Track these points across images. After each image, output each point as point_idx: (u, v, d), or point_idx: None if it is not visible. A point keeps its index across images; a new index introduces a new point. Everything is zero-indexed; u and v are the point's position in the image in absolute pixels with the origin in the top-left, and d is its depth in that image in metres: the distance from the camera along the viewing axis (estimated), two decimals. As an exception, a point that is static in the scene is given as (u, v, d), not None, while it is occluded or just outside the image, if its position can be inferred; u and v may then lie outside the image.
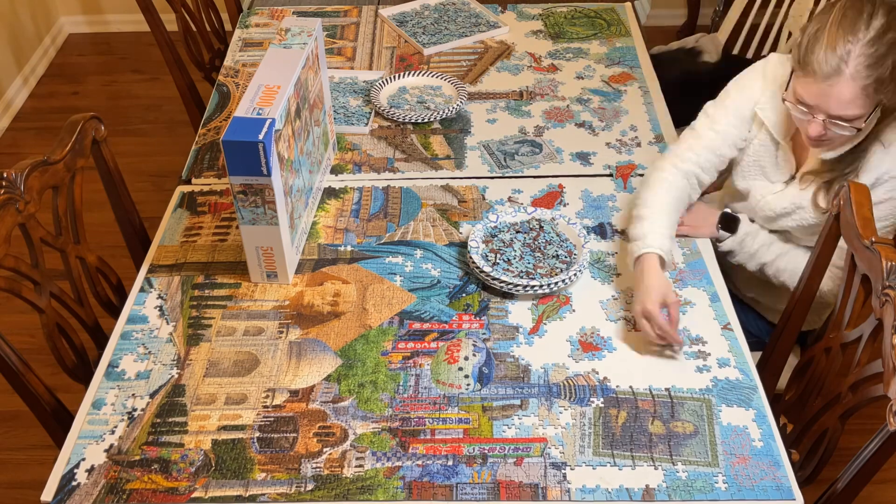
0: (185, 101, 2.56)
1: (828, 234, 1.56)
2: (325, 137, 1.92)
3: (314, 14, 2.55)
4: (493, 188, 1.91)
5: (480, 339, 1.58)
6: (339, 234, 1.81)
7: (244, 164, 1.50)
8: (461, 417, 1.45)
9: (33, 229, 1.58)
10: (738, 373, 1.52)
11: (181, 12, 2.46)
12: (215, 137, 2.08)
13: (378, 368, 1.53)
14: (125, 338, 1.60)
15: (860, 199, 1.46)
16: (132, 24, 4.02)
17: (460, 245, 1.77)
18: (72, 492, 1.35)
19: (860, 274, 1.45)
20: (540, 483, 1.36)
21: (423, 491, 1.35)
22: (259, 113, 1.52)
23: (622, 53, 2.35)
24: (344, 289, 1.69)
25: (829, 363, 1.55)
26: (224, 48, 2.64)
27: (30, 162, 1.55)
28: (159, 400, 1.49)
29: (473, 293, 1.67)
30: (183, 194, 1.92)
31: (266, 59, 1.67)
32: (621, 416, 1.45)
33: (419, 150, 2.03)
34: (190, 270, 1.73)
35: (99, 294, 1.79)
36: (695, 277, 1.69)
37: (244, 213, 1.57)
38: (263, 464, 1.39)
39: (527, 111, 2.14)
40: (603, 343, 1.57)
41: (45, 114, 3.64)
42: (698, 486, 1.35)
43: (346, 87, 2.22)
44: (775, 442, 1.41)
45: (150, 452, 1.41)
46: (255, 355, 1.56)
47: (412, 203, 1.88)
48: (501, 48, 2.38)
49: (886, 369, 1.28)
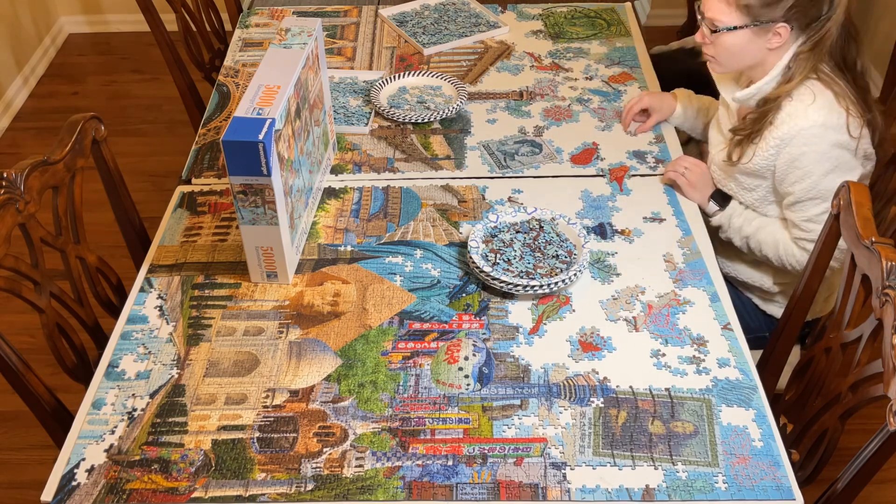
0: (185, 101, 2.56)
1: (828, 234, 1.57)
2: (325, 137, 1.92)
3: (314, 14, 2.55)
4: (493, 188, 1.91)
5: (480, 339, 1.58)
6: (339, 234, 1.81)
7: (244, 164, 1.50)
8: (461, 417, 1.45)
9: (33, 229, 1.58)
10: (738, 373, 1.52)
11: (181, 12, 2.46)
12: (215, 137, 2.08)
13: (378, 368, 1.53)
14: (125, 338, 1.60)
15: (860, 199, 1.46)
16: (132, 24, 4.02)
17: (460, 245, 1.77)
18: (72, 492, 1.35)
19: (860, 274, 1.45)
20: (540, 483, 1.36)
21: (423, 491, 1.35)
22: (259, 113, 1.52)
23: (622, 53, 2.35)
24: (344, 289, 1.69)
25: (829, 363, 1.55)
26: (224, 48, 2.64)
27: (30, 162, 1.55)
28: (159, 400, 1.49)
29: (473, 293, 1.67)
30: (183, 194, 1.92)
31: (266, 59, 1.67)
32: (621, 416, 1.45)
33: (419, 150, 2.03)
34: (190, 270, 1.73)
35: (99, 294, 1.79)
36: (695, 277, 1.69)
37: (244, 213, 1.57)
38: (263, 464, 1.39)
39: (527, 111, 2.14)
40: (603, 343, 1.57)
41: (45, 114, 3.64)
42: (698, 486, 1.35)
43: (346, 87, 2.22)
44: (775, 442, 1.41)
45: (150, 452, 1.41)
46: (255, 355, 1.56)
47: (412, 203, 1.88)
48: (501, 48, 2.38)
49: (886, 369, 1.28)
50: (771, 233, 1.81)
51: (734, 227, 1.84)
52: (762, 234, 1.82)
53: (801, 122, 1.65)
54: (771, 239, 1.80)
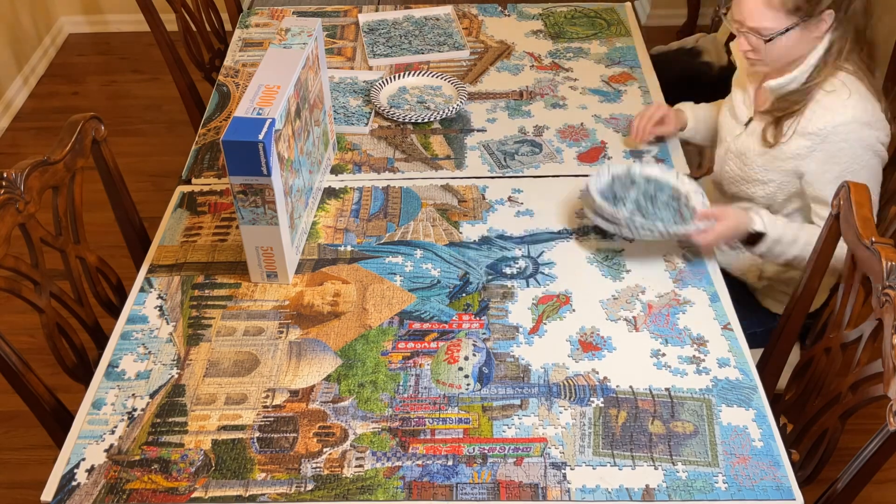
0: (185, 101, 2.56)
1: (828, 234, 1.57)
2: (325, 137, 1.92)
3: (314, 14, 2.55)
4: (493, 188, 1.91)
5: (480, 339, 1.58)
6: (339, 234, 1.81)
7: (244, 164, 1.50)
8: (461, 417, 1.45)
9: (33, 229, 1.58)
10: (738, 373, 1.52)
11: (181, 12, 2.46)
12: (215, 137, 2.08)
13: (378, 368, 1.53)
14: (125, 338, 1.60)
15: (860, 199, 1.46)
16: (132, 24, 4.02)
17: (460, 245, 1.77)
18: (72, 492, 1.35)
19: (860, 274, 1.45)
20: (540, 483, 1.36)
21: (423, 491, 1.35)
22: (259, 113, 1.52)
23: (622, 53, 2.35)
24: (344, 289, 1.69)
25: (829, 363, 1.55)
26: (224, 48, 2.64)
27: (30, 162, 1.55)
28: (159, 400, 1.49)
29: (473, 293, 1.67)
30: (183, 194, 1.92)
31: (266, 59, 1.67)
32: (621, 416, 1.45)
33: (419, 150, 2.03)
34: (190, 270, 1.73)
35: (99, 294, 1.79)
36: (695, 277, 1.69)
37: (244, 213, 1.57)
38: (263, 464, 1.39)
39: (527, 111, 2.14)
40: (603, 343, 1.57)
41: (45, 114, 3.64)
42: (698, 486, 1.35)
43: (346, 87, 2.22)
44: (775, 442, 1.41)
45: (150, 452, 1.41)
46: (255, 355, 1.56)
47: (412, 203, 1.88)
48: (501, 48, 2.38)
49: (886, 369, 1.28)
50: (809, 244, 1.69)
51: (774, 254, 1.73)
52: (805, 251, 1.69)
53: (838, 118, 1.64)
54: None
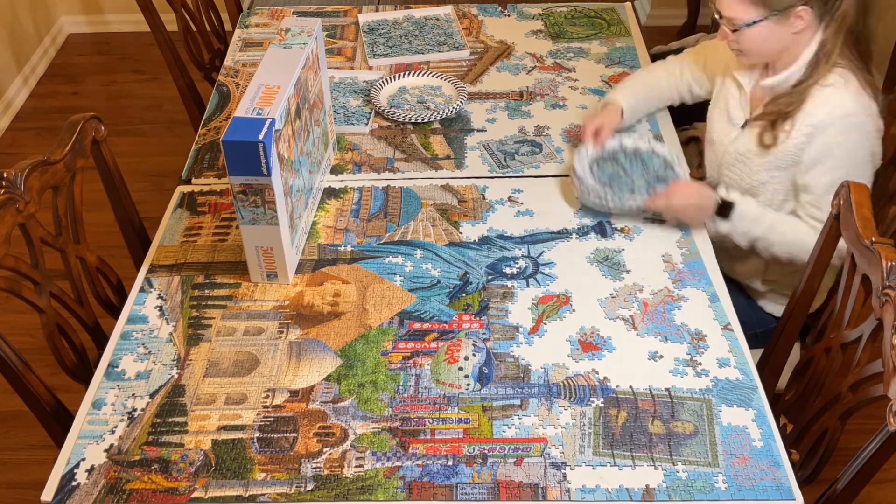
0: (185, 101, 2.56)
1: (828, 234, 1.57)
2: (325, 137, 1.92)
3: (314, 14, 2.55)
4: (493, 188, 1.91)
5: (480, 339, 1.58)
6: (339, 234, 1.81)
7: (244, 164, 1.50)
8: (461, 417, 1.45)
9: (33, 229, 1.58)
10: (738, 373, 1.52)
11: (181, 12, 2.46)
12: (215, 137, 2.08)
13: (378, 368, 1.53)
14: (125, 338, 1.60)
15: (860, 200, 1.46)
16: (132, 24, 4.02)
17: (460, 245, 1.77)
18: (72, 492, 1.35)
19: (860, 274, 1.45)
20: (540, 483, 1.36)
21: (423, 491, 1.35)
22: (259, 113, 1.52)
23: (622, 53, 2.35)
24: (344, 289, 1.69)
25: (829, 363, 1.55)
26: (224, 48, 2.64)
27: (30, 162, 1.55)
28: (159, 400, 1.49)
29: (473, 293, 1.67)
30: (183, 194, 1.92)
31: (266, 59, 1.67)
32: (621, 416, 1.45)
33: (419, 150, 2.03)
34: (190, 270, 1.73)
35: (99, 294, 1.79)
36: (694, 277, 1.69)
37: (244, 213, 1.57)
38: (263, 464, 1.39)
39: (527, 111, 2.14)
40: (603, 343, 1.57)
41: (45, 114, 3.64)
42: (698, 486, 1.35)
43: (346, 87, 2.22)
44: (775, 442, 1.41)
45: (150, 452, 1.41)
46: (255, 355, 1.56)
47: (412, 203, 1.88)
48: (501, 48, 2.38)
49: (886, 369, 1.28)
50: (787, 231, 1.74)
51: (740, 231, 1.76)
52: (772, 235, 1.74)
53: (837, 111, 1.64)
54: (789, 239, 1.74)
